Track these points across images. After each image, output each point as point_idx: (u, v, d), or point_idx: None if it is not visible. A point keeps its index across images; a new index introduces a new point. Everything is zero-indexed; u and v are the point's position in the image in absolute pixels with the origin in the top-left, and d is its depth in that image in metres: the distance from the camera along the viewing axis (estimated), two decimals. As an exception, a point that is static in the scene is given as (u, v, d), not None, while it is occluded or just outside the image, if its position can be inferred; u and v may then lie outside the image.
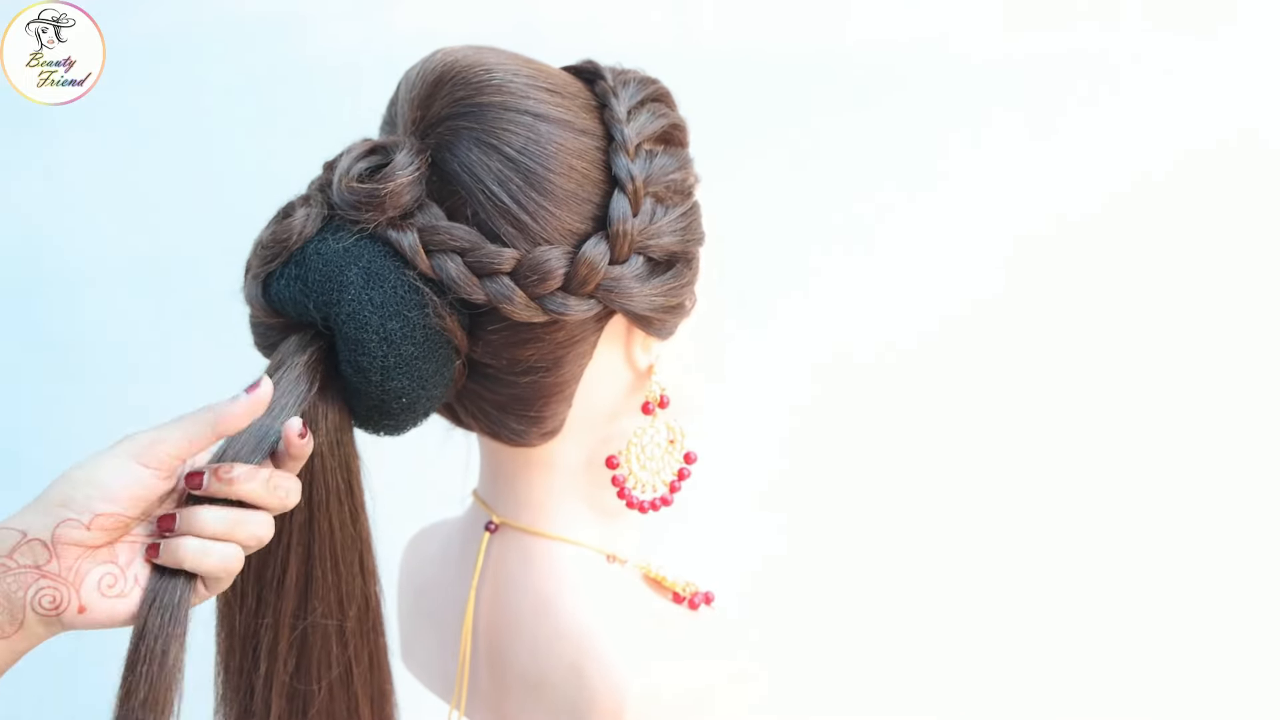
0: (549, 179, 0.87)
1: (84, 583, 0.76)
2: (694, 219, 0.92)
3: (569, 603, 0.95)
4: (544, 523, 0.98)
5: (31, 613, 0.75)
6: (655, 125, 0.91)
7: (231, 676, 0.90)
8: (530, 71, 0.90)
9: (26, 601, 0.74)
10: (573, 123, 0.89)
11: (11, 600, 0.74)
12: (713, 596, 1.03)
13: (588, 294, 0.87)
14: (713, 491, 1.68)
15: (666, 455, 0.95)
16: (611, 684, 0.91)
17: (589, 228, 0.88)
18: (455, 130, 0.87)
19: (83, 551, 0.76)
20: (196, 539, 0.78)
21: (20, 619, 0.75)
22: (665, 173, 0.90)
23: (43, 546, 0.75)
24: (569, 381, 0.92)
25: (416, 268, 0.86)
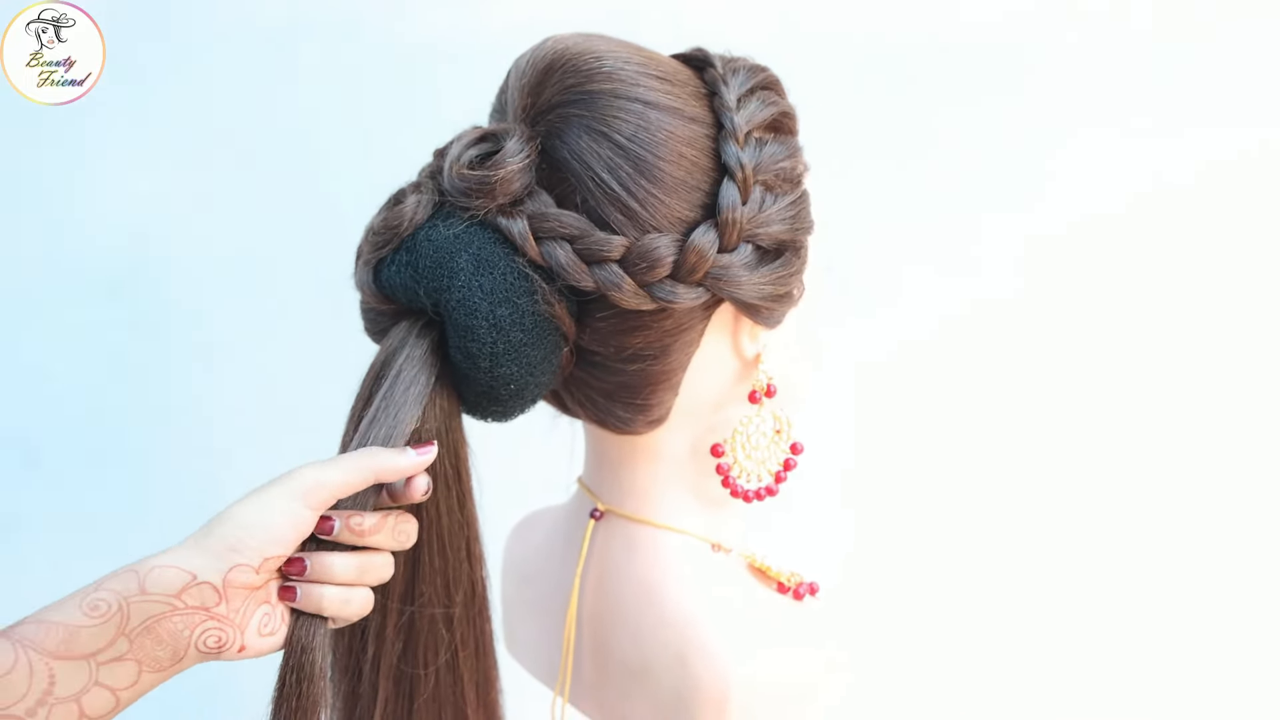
0: (659, 166, 0.86)
1: (249, 625, 0.78)
2: (803, 207, 0.92)
3: (674, 591, 0.95)
4: (649, 511, 0.98)
5: (194, 650, 0.76)
6: (765, 113, 0.91)
7: (340, 658, 0.91)
8: (640, 59, 0.90)
9: (192, 640, 0.76)
10: (682, 110, 0.88)
11: (177, 639, 0.76)
12: (817, 587, 1.02)
13: (696, 282, 0.87)
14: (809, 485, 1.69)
15: (772, 445, 0.95)
16: (716, 673, 0.91)
17: (698, 215, 0.88)
18: (565, 118, 0.87)
19: (249, 593, 0.78)
20: (335, 588, 0.80)
21: (182, 656, 0.76)
22: (774, 161, 0.90)
23: (213, 590, 0.76)
24: (676, 369, 0.92)
25: (526, 254, 0.86)
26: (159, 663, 0.76)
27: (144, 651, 0.75)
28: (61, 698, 0.73)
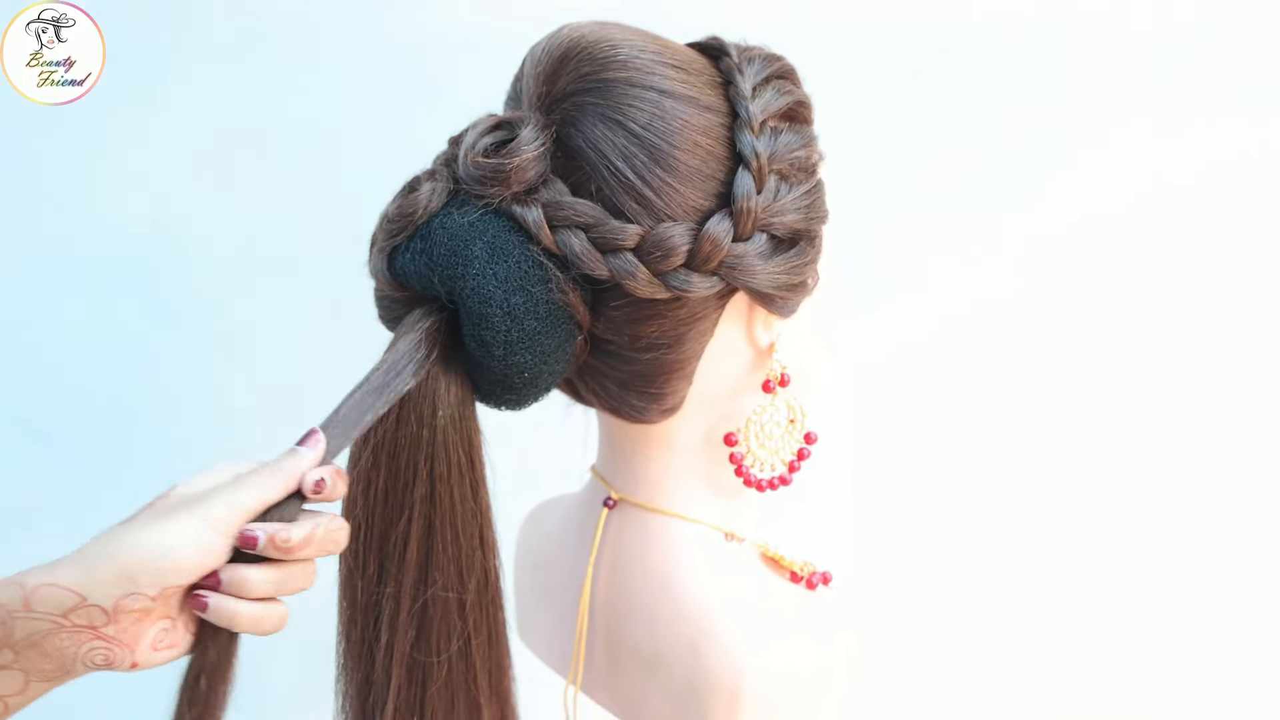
0: (674, 155, 0.86)
1: (139, 643, 0.76)
2: (818, 196, 0.92)
3: (687, 580, 0.95)
4: (663, 500, 0.98)
5: (81, 665, 0.75)
6: (780, 102, 0.91)
7: (353, 645, 0.92)
8: (656, 47, 0.90)
9: (78, 656, 0.74)
10: (698, 99, 0.88)
11: (63, 654, 0.74)
12: (830, 577, 1.02)
13: (711, 271, 0.87)
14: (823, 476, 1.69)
15: (786, 434, 0.95)
16: (729, 663, 0.91)
17: (713, 204, 0.88)
18: (580, 106, 0.87)
19: (142, 614, 0.75)
20: (250, 603, 0.77)
21: (70, 669, 0.75)
22: (789, 150, 0.90)
23: (101, 612, 0.73)
24: (690, 358, 0.92)
25: (540, 243, 0.86)
26: (46, 674, 0.74)
27: (30, 663, 0.74)
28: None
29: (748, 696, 0.91)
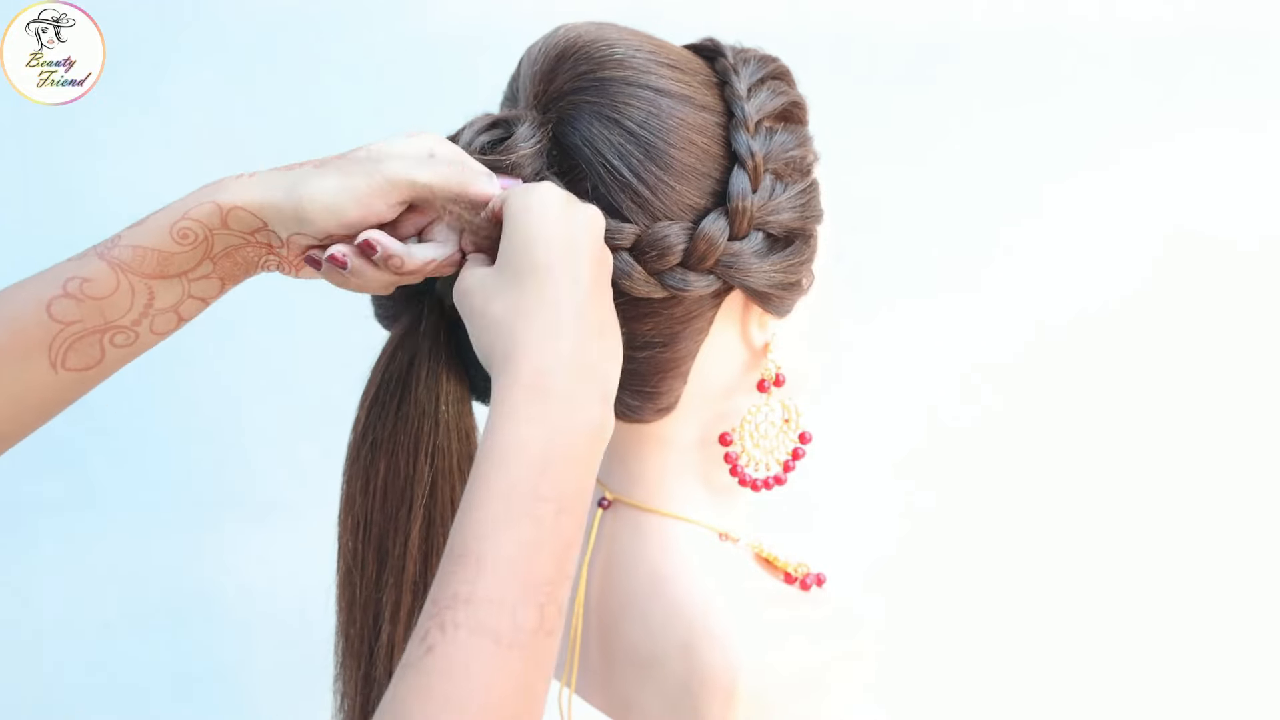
0: (669, 153, 0.87)
1: (302, 264, 0.85)
2: (813, 196, 0.92)
3: (681, 580, 0.95)
4: (657, 500, 0.98)
5: (259, 269, 0.85)
6: (775, 102, 0.91)
7: (352, 643, 0.92)
8: (652, 47, 0.90)
9: (258, 262, 0.85)
10: (693, 98, 0.89)
11: (248, 261, 0.84)
12: (824, 578, 1.03)
13: (707, 269, 0.88)
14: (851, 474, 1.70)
15: (781, 434, 0.95)
16: (724, 661, 0.91)
17: (708, 203, 0.88)
18: (577, 105, 0.88)
19: (308, 246, 0.84)
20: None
21: (251, 272, 0.85)
22: (785, 150, 0.90)
23: (277, 237, 0.83)
24: (685, 357, 0.92)
25: None
26: (235, 277, 0.85)
27: (224, 270, 0.84)
28: (161, 309, 0.83)
29: (742, 695, 0.91)
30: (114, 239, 0.82)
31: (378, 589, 0.90)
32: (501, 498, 0.72)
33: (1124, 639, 1.71)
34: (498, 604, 0.70)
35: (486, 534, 0.71)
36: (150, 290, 0.82)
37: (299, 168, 0.82)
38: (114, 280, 0.81)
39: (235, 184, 0.82)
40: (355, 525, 0.90)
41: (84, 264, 0.81)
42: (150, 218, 0.82)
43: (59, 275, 0.81)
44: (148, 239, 0.81)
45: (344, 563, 0.91)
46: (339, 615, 0.92)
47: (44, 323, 0.80)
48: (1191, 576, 1.70)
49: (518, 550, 0.71)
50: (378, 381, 0.89)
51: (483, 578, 0.70)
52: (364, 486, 0.89)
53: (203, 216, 0.81)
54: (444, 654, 0.68)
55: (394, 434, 0.88)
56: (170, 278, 0.82)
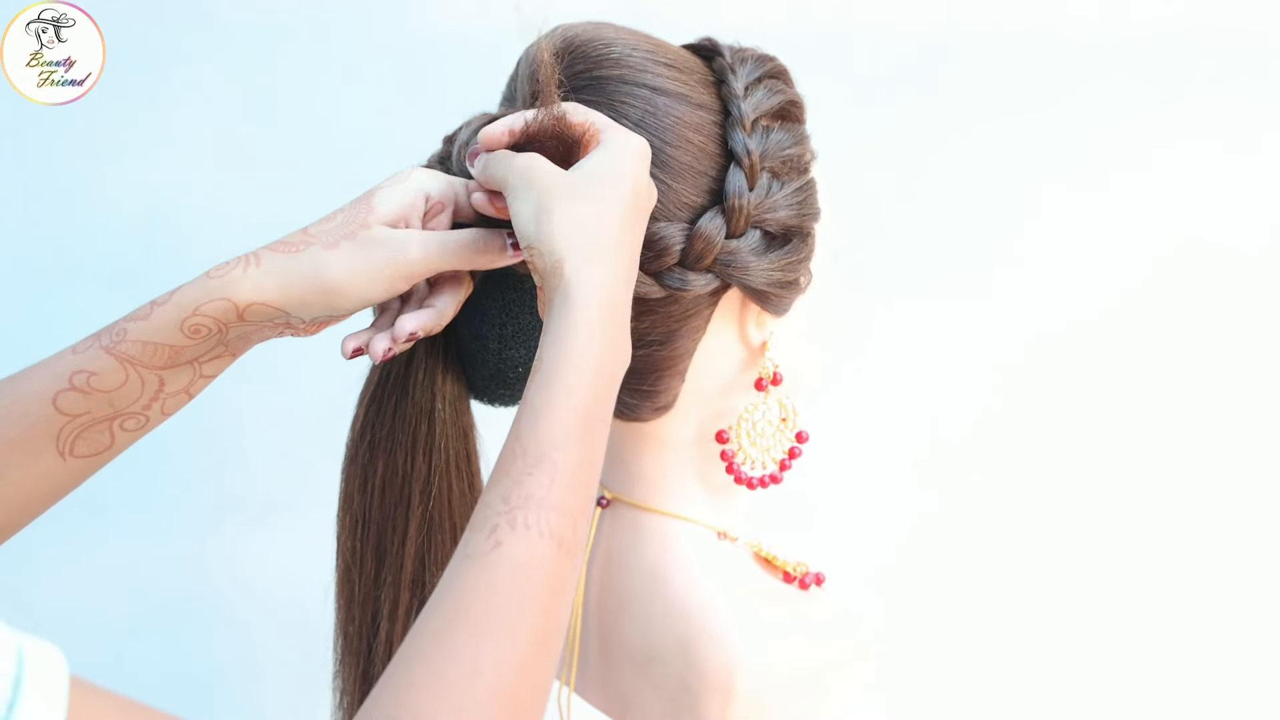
0: (666, 152, 0.87)
1: (319, 330, 0.85)
2: (810, 194, 0.92)
3: (680, 578, 0.95)
4: (656, 498, 0.98)
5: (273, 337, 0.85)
6: (772, 101, 0.91)
7: (350, 641, 0.92)
8: (649, 46, 0.90)
9: (271, 336, 0.84)
10: (690, 97, 0.89)
11: (263, 338, 0.84)
12: (824, 577, 1.03)
13: (704, 268, 0.88)
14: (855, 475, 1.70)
15: (778, 433, 0.95)
16: (722, 660, 0.91)
17: (705, 201, 0.88)
18: None
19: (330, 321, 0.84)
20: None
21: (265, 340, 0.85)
22: (781, 148, 0.90)
23: (300, 320, 0.82)
24: (682, 356, 0.92)
25: None
26: (244, 350, 0.85)
27: (236, 348, 0.84)
28: (172, 392, 0.83)
29: (741, 694, 0.91)
30: (119, 331, 0.81)
31: (376, 587, 0.90)
32: (577, 411, 0.74)
33: (1127, 640, 1.71)
34: (568, 512, 0.72)
35: (561, 443, 0.73)
36: (160, 380, 0.82)
37: (303, 248, 0.81)
38: (122, 374, 0.80)
39: (245, 278, 0.80)
40: (354, 524, 0.90)
41: (89, 358, 0.80)
42: (156, 311, 0.81)
43: (63, 369, 0.80)
44: (156, 335, 0.80)
45: (343, 561, 0.91)
46: (338, 613, 0.93)
47: (51, 416, 0.80)
48: (1196, 579, 1.70)
49: (585, 464, 0.74)
50: (376, 381, 0.90)
51: (557, 484, 0.72)
52: (362, 485, 0.89)
53: (216, 313, 0.80)
54: (512, 549, 0.70)
55: (392, 433, 0.89)
56: (181, 366, 0.82)
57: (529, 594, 0.69)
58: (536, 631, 0.69)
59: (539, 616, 0.70)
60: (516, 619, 0.69)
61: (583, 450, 0.74)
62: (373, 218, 0.81)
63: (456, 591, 0.69)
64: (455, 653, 0.67)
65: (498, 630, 0.68)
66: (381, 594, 0.89)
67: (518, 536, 0.70)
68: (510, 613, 0.69)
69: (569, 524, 0.72)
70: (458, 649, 0.67)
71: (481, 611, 0.68)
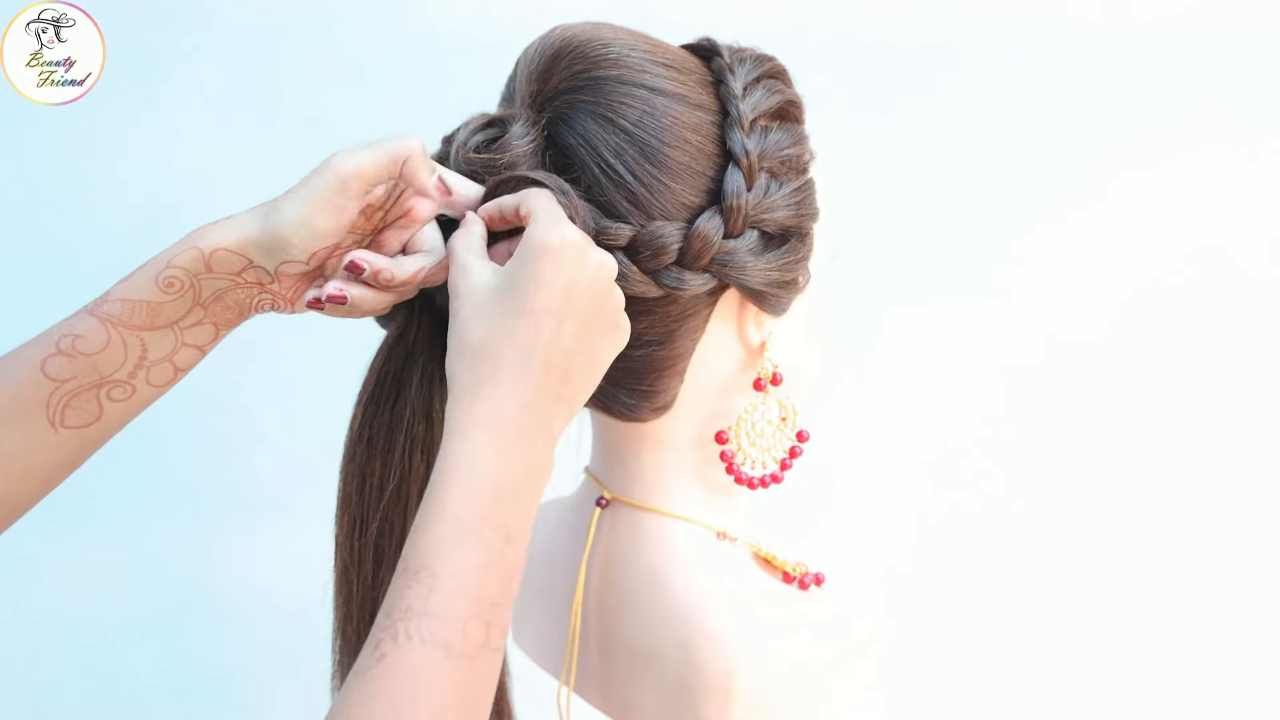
0: (664, 151, 0.87)
1: (300, 298, 0.86)
2: (808, 194, 0.92)
3: (679, 578, 0.95)
4: (655, 498, 0.98)
5: (254, 311, 0.86)
6: (770, 101, 0.91)
7: (349, 640, 0.92)
8: (647, 47, 0.90)
9: (251, 304, 0.86)
10: (688, 97, 0.89)
11: (240, 304, 0.85)
12: (823, 577, 1.03)
13: (702, 268, 0.88)
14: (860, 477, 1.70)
15: (778, 433, 0.95)
16: (721, 659, 0.91)
17: (703, 201, 0.88)
18: (572, 104, 0.88)
19: (300, 277, 0.85)
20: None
21: (245, 314, 0.86)
22: (780, 148, 0.90)
23: (266, 272, 0.84)
24: (681, 356, 0.92)
25: None
26: (229, 321, 0.86)
27: (216, 315, 0.85)
28: (156, 360, 0.84)
29: (740, 693, 0.91)
30: (104, 295, 0.83)
31: (374, 587, 0.90)
32: (455, 520, 0.76)
33: (1134, 644, 1.70)
34: (449, 618, 0.73)
35: (439, 552, 0.75)
36: (143, 343, 0.83)
37: (272, 201, 0.84)
38: (105, 335, 0.82)
39: (214, 228, 0.83)
40: (352, 523, 0.90)
41: (76, 321, 0.82)
42: (137, 271, 0.83)
43: (52, 334, 0.82)
44: (135, 292, 0.82)
45: (341, 560, 0.91)
46: (336, 612, 0.93)
47: (39, 381, 0.81)
48: (1204, 583, 1.70)
49: (468, 570, 0.75)
50: (373, 381, 0.90)
51: (435, 593, 0.74)
52: (360, 485, 0.90)
53: (186, 264, 0.83)
54: (395, 661, 0.72)
55: (389, 433, 0.89)
56: (161, 328, 0.83)
57: (418, 704, 0.71)
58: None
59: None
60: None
61: (467, 555, 0.75)
62: (328, 162, 0.84)
63: (346, 706, 0.71)
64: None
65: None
66: (379, 594, 0.89)
67: (400, 648, 0.72)
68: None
69: (456, 630, 0.73)
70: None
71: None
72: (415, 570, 0.74)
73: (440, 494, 0.76)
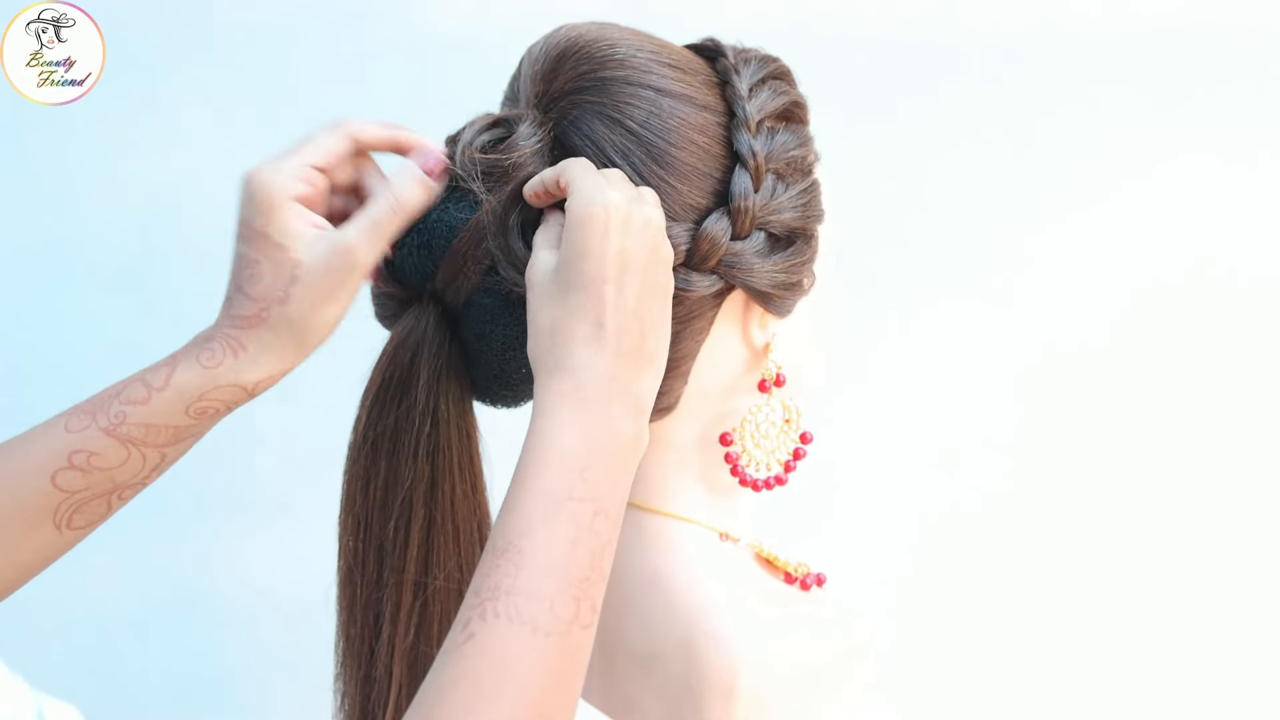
0: (670, 152, 0.87)
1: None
2: (814, 196, 0.92)
3: (681, 579, 0.95)
4: (658, 499, 0.98)
5: None
6: (776, 102, 0.91)
7: (352, 643, 0.92)
8: (653, 47, 0.90)
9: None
10: (695, 98, 0.89)
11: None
12: (825, 578, 1.03)
13: (709, 269, 0.88)
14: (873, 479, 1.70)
15: (782, 434, 0.95)
16: (723, 660, 0.91)
17: (710, 203, 0.88)
18: (578, 104, 0.88)
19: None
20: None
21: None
22: (786, 149, 0.90)
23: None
24: (686, 357, 0.92)
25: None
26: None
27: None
28: (172, 458, 0.85)
29: (742, 694, 0.91)
30: (117, 415, 0.82)
31: (378, 589, 0.90)
32: (542, 496, 0.76)
33: (1134, 644, 1.70)
34: (537, 595, 0.73)
35: (526, 530, 0.75)
36: (163, 455, 0.84)
37: (266, 315, 0.84)
38: (124, 453, 0.82)
39: (242, 365, 0.84)
40: (356, 525, 0.90)
41: (88, 439, 0.82)
42: (155, 397, 0.83)
43: (61, 448, 0.82)
44: (159, 418, 0.83)
45: (345, 562, 0.91)
46: (340, 615, 0.93)
47: (49, 492, 0.82)
48: (1205, 583, 1.69)
49: (557, 546, 0.75)
50: (378, 381, 0.90)
51: (524, 570, 0.74)
52: (365, 486, 0.89)
53: (227, 398, 0.84)
54: (484, 639, 0.72)
55: (395, 433, 0.89)
56: (185, 440, 0.85)
57: (506, 683, 0.71)
58: (522, 717, 0.71)
59: (521, 703, 0.71)
60: (493, 709, 0.70)
61: (555, 531, 0.75)
62: (296, 250, 0.84)
63: (436, 686, 0.72)
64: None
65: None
66: (383, 596, 0.89)
67: (488, 627, 0.72)
68: (487, 703, 0.70)
69: (544, 607, 0.73)
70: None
71: (459, 702, 0.70)
72: (503, 549, 0.75)
73: (527, 471, 0.77)
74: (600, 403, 0.79)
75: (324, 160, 0.87)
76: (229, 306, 0.85)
